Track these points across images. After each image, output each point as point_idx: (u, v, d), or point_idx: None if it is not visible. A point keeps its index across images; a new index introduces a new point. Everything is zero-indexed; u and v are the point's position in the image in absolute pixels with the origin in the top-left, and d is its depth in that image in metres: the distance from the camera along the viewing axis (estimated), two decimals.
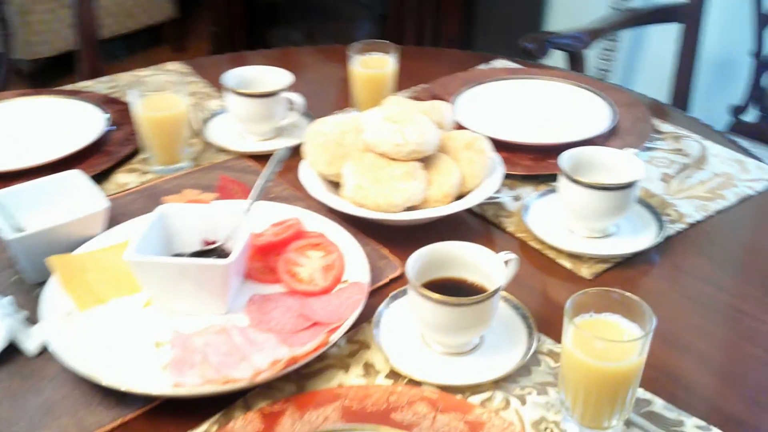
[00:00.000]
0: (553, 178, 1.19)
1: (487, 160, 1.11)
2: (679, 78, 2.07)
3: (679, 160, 1.25)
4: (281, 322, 0.90)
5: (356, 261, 0.99)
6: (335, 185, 1.12)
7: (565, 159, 1.06)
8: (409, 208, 1.05)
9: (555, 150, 1.24)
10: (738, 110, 2.02)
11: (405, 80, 1.40)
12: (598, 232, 1.06)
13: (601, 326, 0.78)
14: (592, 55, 2.30)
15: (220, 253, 0.97)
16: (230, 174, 1.23)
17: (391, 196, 1.03)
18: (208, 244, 0.99)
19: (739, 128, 2.02)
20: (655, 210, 1.10)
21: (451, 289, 0.88)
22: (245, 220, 0.97)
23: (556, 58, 1.93)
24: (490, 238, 1.10)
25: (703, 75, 2.09)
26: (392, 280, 1.00)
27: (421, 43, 2.56)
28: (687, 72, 2.05)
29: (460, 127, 1.23)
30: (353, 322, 0.89)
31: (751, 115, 2.01)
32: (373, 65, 1.32)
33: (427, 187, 1.06)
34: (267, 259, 1.01)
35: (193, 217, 0.98)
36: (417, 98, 1.40)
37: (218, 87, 1.49)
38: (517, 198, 1.17)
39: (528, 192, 1.18)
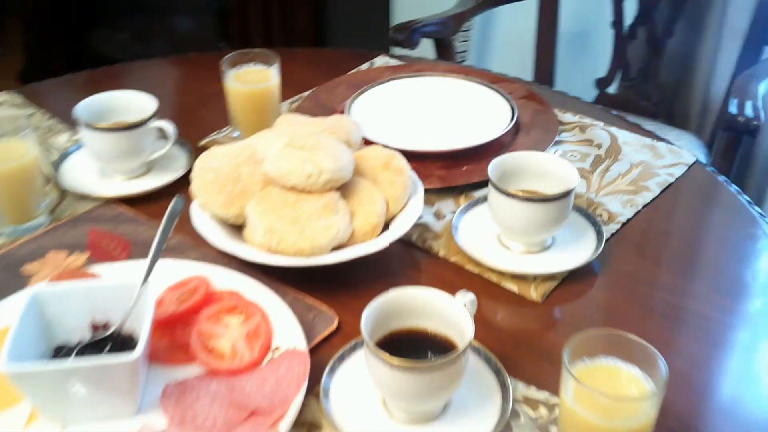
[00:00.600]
0: (469, 187, 1.09)
1: (407, 179, 0.98)
2: (539, 54, 2.04)
3: (590, 151, 1.18)
4: (210, 418, 0.74)
5: (284, 321, 0.84)
6: (237, 227, 0.96)
7: (493, 170, 0.96)
8: (335, 247, 0.91)
9: (465, 155, 1.15)
10: (603, 83, 2.02)
11: (283, 90, 1.23)
12: (536, 246, 0.97)
13: (601, 374, 0.68)
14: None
15: (116, 339, 0.78)
16: (101, 226, 1.03)
17: (314, 238, 0.88)
18: (99, 327, 0.80)
19: (605, 101, 2.02)
20: (587, 213, 1.02)
21: (412, 343, 0.76)
22: (144, 293, 0.78)
23: (424, 47, 1.84)
24: (423, 267, 0.98)
25: (563, 49, 2.08)
26: (330, 335, 0.85)
27: (270, 40, 2.38)
28: (548, 48, 2.02)
29: (367, 142, 1.09)
30: (301, 403, 0.74)
31: (614, 87, 2.02)
32: (252, 79, 1.15)
33: (351, 220, 0.92)
34: (173, 333, 0.83)
35: (76, 296, 0.79)
36: (303, 111, 1.25)
37: (63, 117, 1.26)
38: (438, 215, 1.06)
39: (447, 206, 1.07)
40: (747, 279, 0.97)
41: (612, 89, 2.01)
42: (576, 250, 0.97)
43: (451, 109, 1.28)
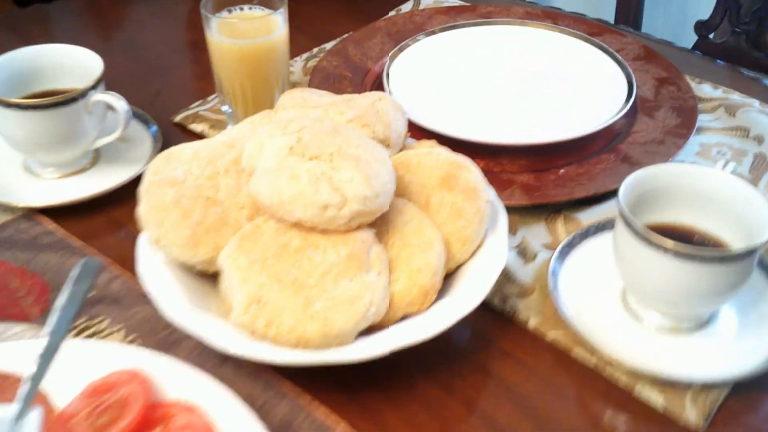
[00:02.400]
0: (570, 204, 0.72)
1: (483, 206, 0.61)
2: None
3: (747, 147, 0.80)
4: None
5: None
6: (209, 279, 0.60)
7: (626, 194, 0.58)
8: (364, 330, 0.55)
9: (560, 151, 0.77)
10: (705, 26, 1.59)
11: (293, 39, 0.85)
12: (690, 321, 0.60)
13: None
14: None
15: None
16: (10, 254, 0.68)
17: (329, 319, 0.52)
18: None
19: (706, 49, 1.60)
20: (764, 261, 0.65)
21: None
22: None
23: None
24: (502, 345, 0.61)
25: None
26: None
27: None
28: None
29: (412, 130, 0.71)
30: None
31: (718, 33, 1.60)
32: (246, 31, 0.77)
33: (389, 280, 0.56)
34: None
35: None
36: (324, 72, 0.87)
37: None
38: (524, 252, 0.69)
39: (538, 235, 0.70)
40: None
41: (715, 36, 1.59)
42: (755, 328, 0.60)
43: (536, 78, 0.89)
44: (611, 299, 0.63)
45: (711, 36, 1.58)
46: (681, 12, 1.82)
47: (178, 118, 0.85)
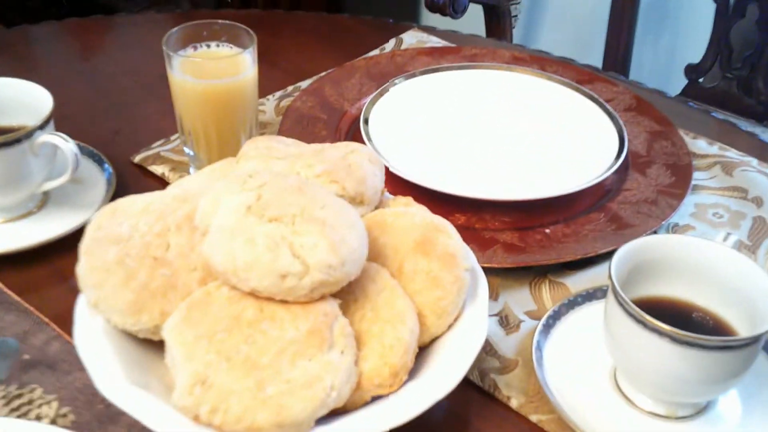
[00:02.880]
0: (556, 267, 0.67)
1: (461, 273, 0.55)
2: (612, 28, 1.58)
3: (745, 209, 0.75)
4: None
5: None
6: (154, 345, 0.54)
7: (618, 268, 0.53)
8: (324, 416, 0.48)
9: (546, 207, 0.72)
10: (695, 71, 1.56)
11: (264, 75, 0.78)
12: (684, 408, 0.55)
13: None
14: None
15: None
16: None
17: (284, 405, 0.46)
18: None
19: (696, 94, 1.56)
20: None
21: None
22: None
23: (468, 18, 1.39)
24: (480, 426, 0.55)
25: (639, 25, 1.62)
26: None
27: (277, 2, 1.91)
28: (626, 22, 1.57)
29: (398, 184, 0.66)
30: None
31: (711, 77, 1.57)
32: (211, 71, 0.71)
33: (356, 358, 0.50)
34: None
35: None
36: (299, 112, 0.82)
37: None
38: (506, 320, 0.63)
39: (521, 301, 0.65)
40: None
41: (705, 81, 1.56)
42: (761, 415, 0.55)
43: (523, 127, 0.84)
44: (601, 378, 0.57)
45: (701, 80, 1.56)
46: (670, 54, 1.79)
47: (137, 159, 0.79)
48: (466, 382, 0.57)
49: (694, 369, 0.50)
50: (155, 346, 0.54)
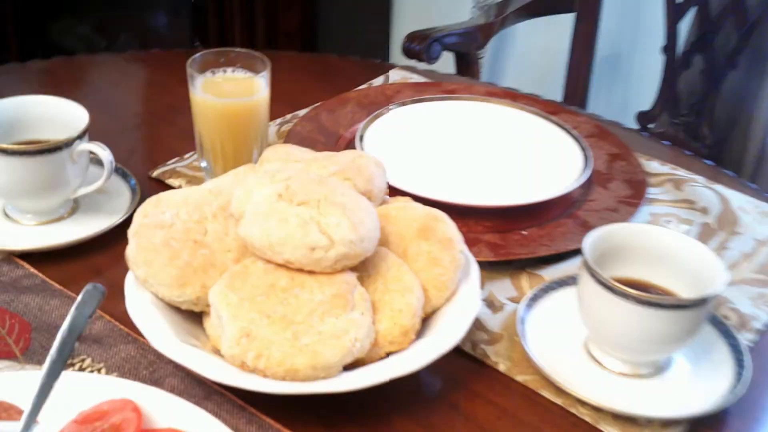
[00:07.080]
0: (532, 261, 0.77)
1: (458, 255, 0.65)
2: (571, 77, 1.73)
3: (693, 218, 0.86)
4: None
5: None
6: (195, 316, 0.62)
7: (591, 249, 0.63)
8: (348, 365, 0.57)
9: (522, 214, 0.82)
10: (646, 117, 1.70)
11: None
12: (648, 367, 0.64)
13: None
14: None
15: None
16: None
17: (317, 351, 0.55)
18: None
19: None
20: (715, 316, 0.69)
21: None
22: None
23: (443, 61, 1.51)
24: (474, 387, 0.64)
25: (596, 74, 1.77)
26: None
27: (254, 41, 2.03)
28: (582, 70, 1.71)
29: (394, 192, 0.76)
30: None
31: (660, 123, 1.71)
32: (230, 91, 0.82)
33: (373, 319, 0.59)
34: None
35: None
36: (297, 137, 0.92)
37: None
38: (492, 303, 0.73)
39: (503, 289, 0.74)
40: None
41: (655, 126, 1.70)
42: (707, 373, 0.65)
43: (500, 149, 0.95)
44: (575, 348, 0.67)
45: (652, 126, 1.70)
46: (623, 100, 1.93)
47: (155, 173, 0.87)
48: (460, 353, 0.66)
49: (653, 328, 0.60)
50: (195, 317, 0.62)
